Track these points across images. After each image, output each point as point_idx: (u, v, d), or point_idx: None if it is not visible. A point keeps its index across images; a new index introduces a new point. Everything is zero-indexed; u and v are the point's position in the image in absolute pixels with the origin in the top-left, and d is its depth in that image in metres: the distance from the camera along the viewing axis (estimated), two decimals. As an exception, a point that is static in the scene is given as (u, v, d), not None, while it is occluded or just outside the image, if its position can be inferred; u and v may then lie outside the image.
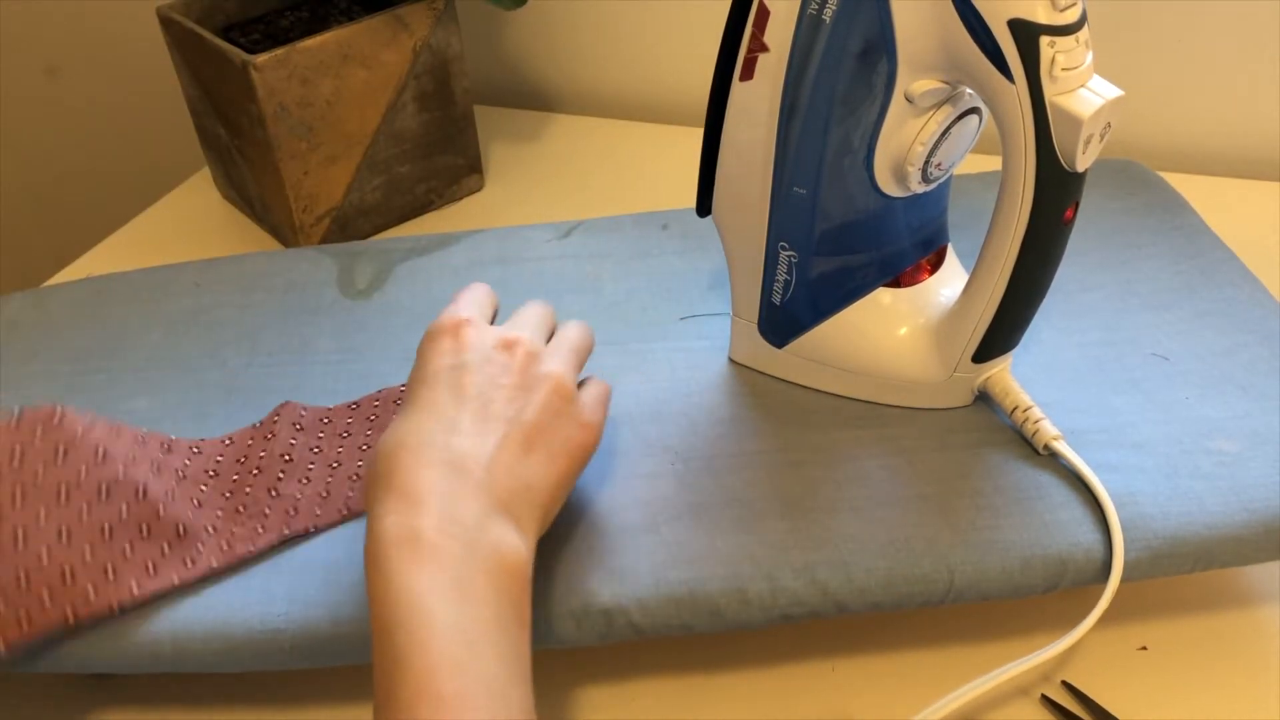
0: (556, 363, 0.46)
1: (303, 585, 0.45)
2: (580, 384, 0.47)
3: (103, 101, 1.07)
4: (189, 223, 0.79)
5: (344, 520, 0.47)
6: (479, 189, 0.80)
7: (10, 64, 1.06)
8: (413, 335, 0.57)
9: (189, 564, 0.44)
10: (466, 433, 0.42)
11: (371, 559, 0.37)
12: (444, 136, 0.75)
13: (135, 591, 0.42)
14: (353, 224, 0.74)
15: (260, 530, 0.47)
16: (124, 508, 0.44)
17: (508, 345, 0.45)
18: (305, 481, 0.49)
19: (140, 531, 0.44)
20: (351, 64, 0.68)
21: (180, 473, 0.48)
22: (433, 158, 0.76)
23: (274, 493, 0.48)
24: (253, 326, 0.60)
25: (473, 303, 0.48)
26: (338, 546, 0.46)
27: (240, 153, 0.72)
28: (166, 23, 0.71)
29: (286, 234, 0.73)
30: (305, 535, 0.47)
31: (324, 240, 0.73)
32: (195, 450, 0.50)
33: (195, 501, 0.47)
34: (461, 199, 0.79)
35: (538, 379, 0.44)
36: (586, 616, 0.44)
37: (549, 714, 0.47)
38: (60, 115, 1.09)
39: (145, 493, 0.44)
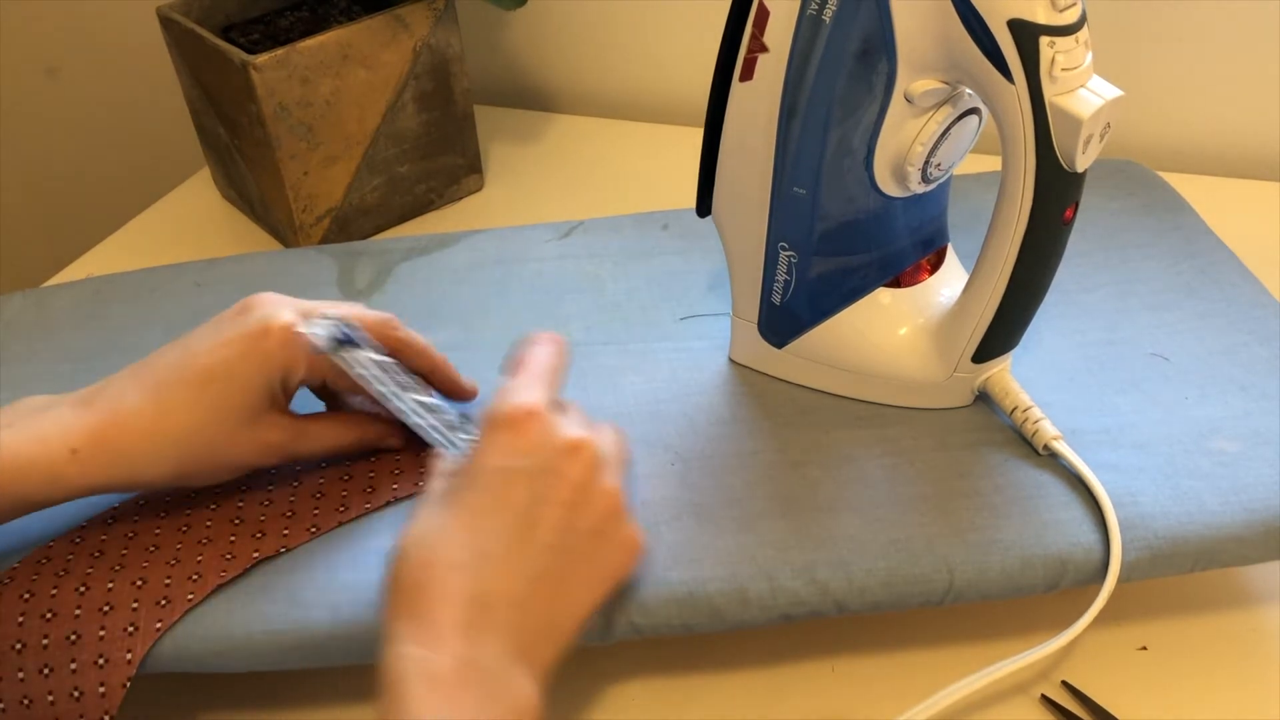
0: (614, 478, 0.43)
1: (302, 585, 0.45)
2: None
3: (103, 101, 1.07)
4: (189, 223, 0.79)
5: (340, 524, 0.47)
6: (479, 189, 0.80)
7: (10, 64, 1.06)
8: (413, 335, 0.57)
9: (195, 579, 0.45)
10: (502, 559, 0.40)
11: (389, 682, 0.37)
12: (444, 136, 0.75)
13: (159, 627, 0.43)
14: (353, 224, 0.74)
15: (260, 535, 0.47)
16: (109, 586, 0.45)
17: (572, 450, 0.42)
18: (297, 484, 0.49)
19: (135, 589, 0.45)
20: (351, 64, 0.68)
21: (159, 517, 0.48)
22: (433, 158, 0.76)
23: (267, 502, 0.48)
24: (253, 326, 0.60)
25: (542, 377, 0.44)
26: (338, 547, 0.46)
27: (240, 153, 0.73)
28: (166, 23, 0.72)
29: (286, 234, 0.73)
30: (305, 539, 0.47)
31: (324, 240, 0.73)
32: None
33: (181, 528, 0.47)
34: (461, 199, 0.79)
35: (592, 496, 0.42)
36: (586, 616, 0.44)
37: (550, 714, 0.47)
38: (60, 115, 1.09)
39: (123, 564, 0.45)
